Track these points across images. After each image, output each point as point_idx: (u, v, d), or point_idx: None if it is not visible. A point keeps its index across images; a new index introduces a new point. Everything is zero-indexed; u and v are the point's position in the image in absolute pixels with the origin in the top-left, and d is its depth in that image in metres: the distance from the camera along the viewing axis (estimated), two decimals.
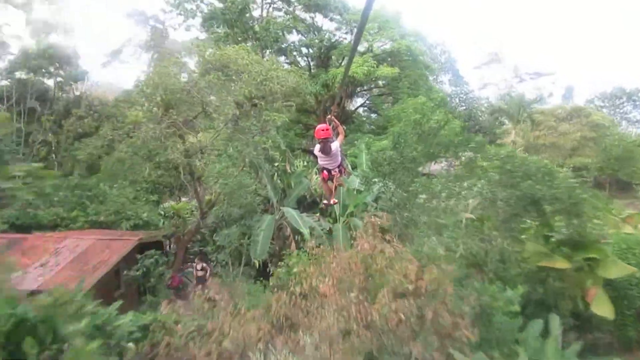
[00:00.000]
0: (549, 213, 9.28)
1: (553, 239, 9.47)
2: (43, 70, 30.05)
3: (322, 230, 13.79)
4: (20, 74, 29.07)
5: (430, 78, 34.79)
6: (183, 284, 15.52)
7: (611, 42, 64.21)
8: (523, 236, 10.47)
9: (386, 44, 30.21)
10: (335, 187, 5.71)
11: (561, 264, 8.59)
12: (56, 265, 12.90)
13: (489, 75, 49.86)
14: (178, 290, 15.25)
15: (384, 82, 31.05)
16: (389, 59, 30.08)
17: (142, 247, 14.81)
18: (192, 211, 16.08)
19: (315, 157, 5.65)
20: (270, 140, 13.37)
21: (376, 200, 15.14)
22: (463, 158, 13.14)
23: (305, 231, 12.77)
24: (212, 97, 13.95)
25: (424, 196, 13.35)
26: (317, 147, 5.21)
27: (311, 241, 8.14)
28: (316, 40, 28.97)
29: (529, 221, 10.89)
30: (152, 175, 16.93)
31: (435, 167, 15.54)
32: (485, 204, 11.10)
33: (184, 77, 14.17)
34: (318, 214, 15.20)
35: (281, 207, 14.07)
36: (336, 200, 6.81)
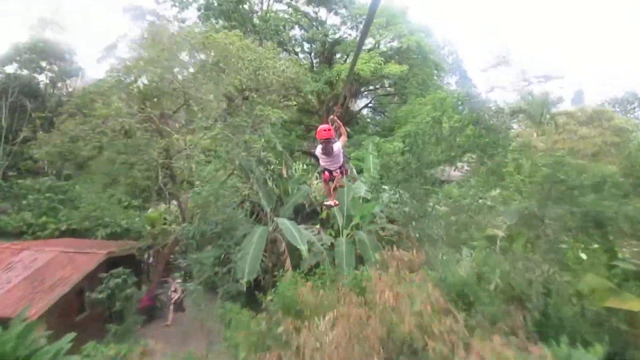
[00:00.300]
0: (613, 235, 7.25)
1: (618, 269, 7.42)
2: (34, 65, 28.47)
3: (322, 245, 11.78)
4: (9, 68, 27.36)
5: (438, 78, 32.87)
6: (162, 303, 13.55)
7: (620, 41, 62.01)
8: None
9: (394, 40, 28.26)
10: (335, 188, 5.53)
11: (636, 304, 6.56)
12: (7, 282, 10.91)
13: (495, 78, 48.00)
14: (151, 310, 13.30)
15: (390, 81, 29.09)
16: (397, 57, 28.15)
17: (114, 261, 12.84)
18: (177, 219, 14.04)
19: (317, 159, 5.54)
20: (262, 140, 11.37)
21: (384, 212, 13.15)
22: (489, 163, 11.13)
23: (303, 247, 10.76)
24: (197, 88, 12.04)
25: (443, 208, 11.36)
26: (319, 147, 5.08)
27: (305, 287, 6.05)
28: (320, 35, 27.00)
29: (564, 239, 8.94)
30: (136, 176, 14.98)
31: (456, 173, 13.53)
32: (520, 220, 9.11)
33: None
34: (318, 226, 13.19)
35: (275, 218, 12.06)
36: (337, 202, 6.17)
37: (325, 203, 6.16)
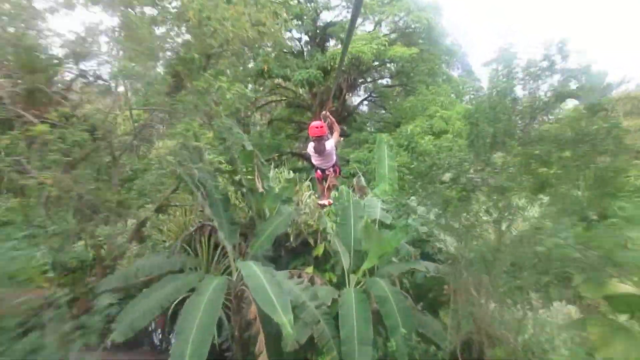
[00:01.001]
0: None
1: None
2: None
3: (317, 307, 7.09)
4: None
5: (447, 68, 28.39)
6: None
7: (621, 32, 58.12)
8: None
9: (399, 20, 23.85)
10: (329, 188, 5.36)
11: None
12: None
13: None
14: None
15: (394, 66, 24.63)
16: (402, 39, 23.78)
17: None
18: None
19: (310, 162, 5.50)
20: (210, 133, 6.70)
21: (415, 242, 8.52)
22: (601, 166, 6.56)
23: (284, 319, 6.06)
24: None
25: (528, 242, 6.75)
26: (311, 145, 5.09)
27: None
28: (310, 12, 22.40)
29: None
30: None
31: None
32: None
33: None
34: (311, 268, 8.45)
35: (238, 263, 7.36)
36: (331, 201, 6.03)
37: (319, 202, 6.00)
